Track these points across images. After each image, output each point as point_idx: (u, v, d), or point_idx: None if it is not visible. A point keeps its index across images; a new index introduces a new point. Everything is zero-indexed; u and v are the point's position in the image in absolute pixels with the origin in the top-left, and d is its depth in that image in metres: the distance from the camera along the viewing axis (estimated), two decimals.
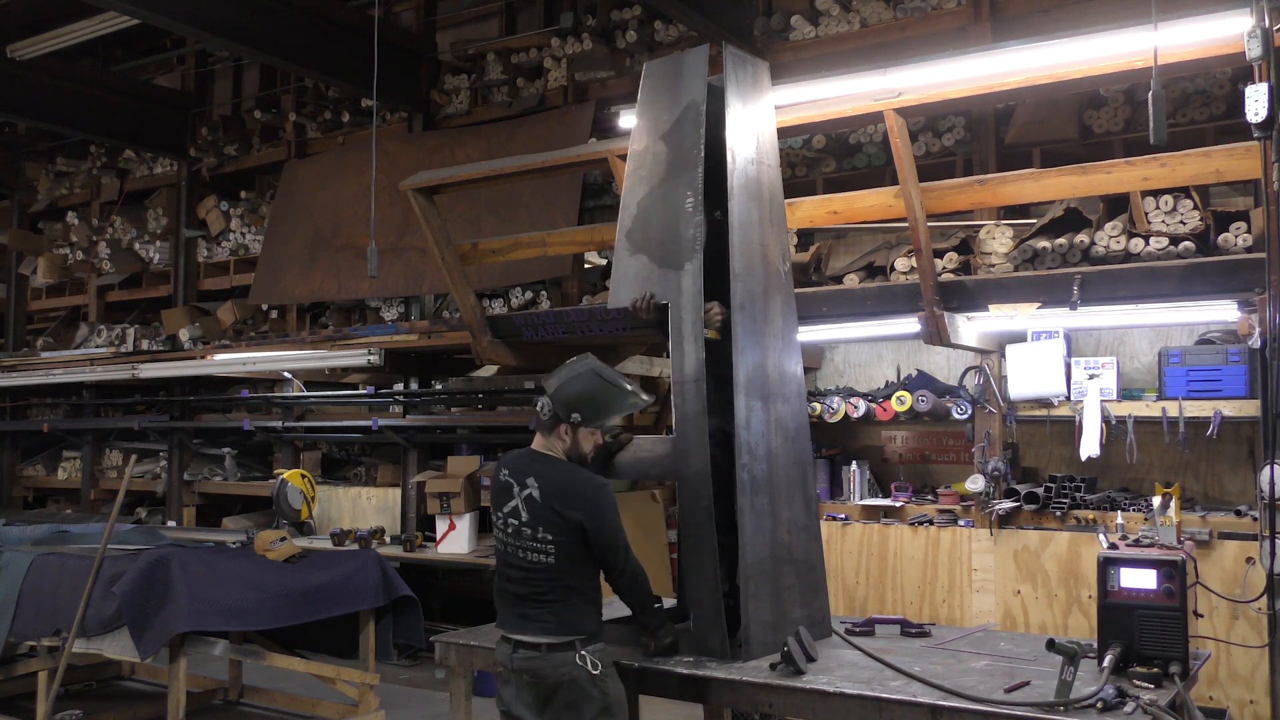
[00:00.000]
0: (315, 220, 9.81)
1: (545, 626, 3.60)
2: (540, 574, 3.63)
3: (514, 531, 3.68)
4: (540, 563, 3.63)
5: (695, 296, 3.96)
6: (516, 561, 3.68)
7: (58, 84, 10.43)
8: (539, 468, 3.72)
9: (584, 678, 3.57)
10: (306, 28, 8.85)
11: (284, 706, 6.83)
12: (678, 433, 3.93)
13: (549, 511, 3.63)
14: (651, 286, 4.09)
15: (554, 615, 3.61)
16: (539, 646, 3.59)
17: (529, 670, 3.62)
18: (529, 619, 3.63)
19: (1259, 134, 3.99)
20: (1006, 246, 5.78)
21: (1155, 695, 3.25)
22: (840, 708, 3.46)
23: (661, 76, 4.33)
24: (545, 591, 3.63)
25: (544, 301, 8.42)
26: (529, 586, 3.65)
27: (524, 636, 3.62)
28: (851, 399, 6.82)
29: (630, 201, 4.26)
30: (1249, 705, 5.44)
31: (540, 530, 3.63)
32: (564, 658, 3.58)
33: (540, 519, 3.63)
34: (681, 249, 4.03)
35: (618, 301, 4.21)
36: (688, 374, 3.92)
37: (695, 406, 3.89)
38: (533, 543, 3.64)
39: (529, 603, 3.64)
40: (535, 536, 3.63)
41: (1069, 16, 6.60)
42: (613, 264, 4.27)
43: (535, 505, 3.65)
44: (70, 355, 10.71)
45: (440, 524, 7.90)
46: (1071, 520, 6.07)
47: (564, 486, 3.66)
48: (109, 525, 5.84)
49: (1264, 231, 4.49)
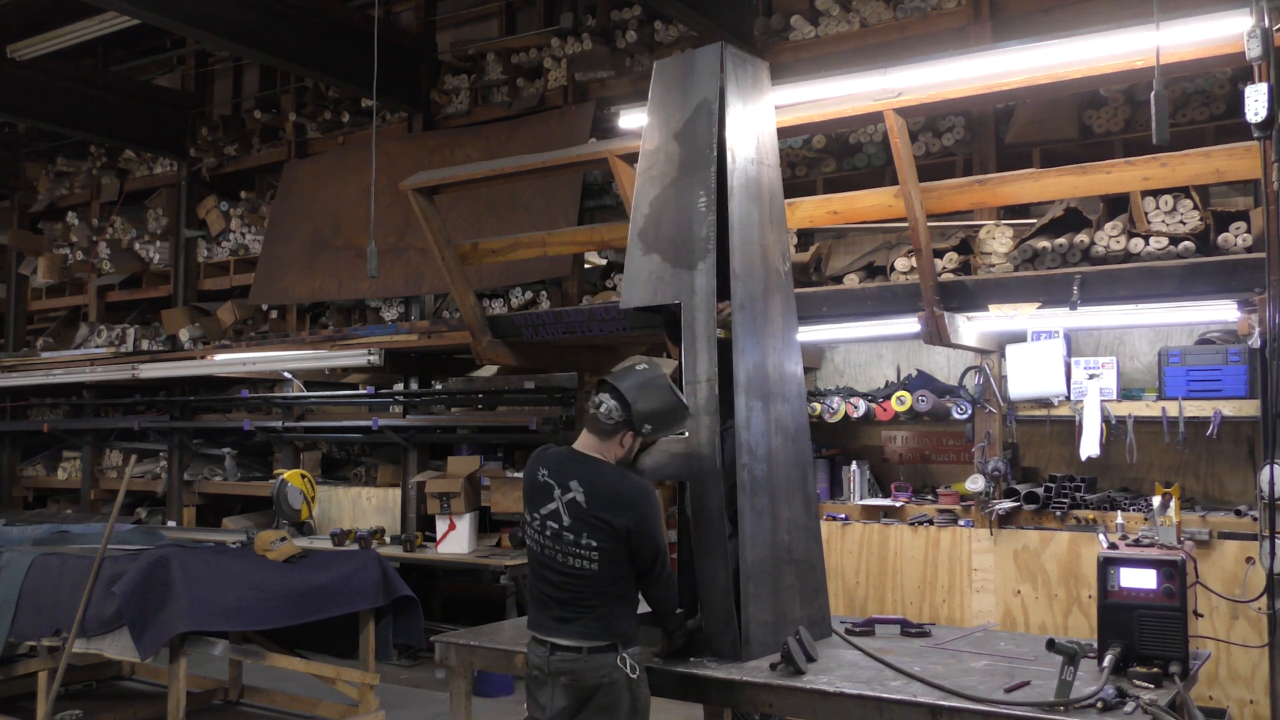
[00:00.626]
0: (315, 220, 9.81)
1: (587, 631, 3.52)
2: (582, 580, 3.53)
3: (553, 535, 3.57)
4: (583, 569, 3.52)
5: (709, 296, 3.95)
6: (555, 566, 3.57)
7: (58, 84, 10.43)
8: (585, 471, 3.59)
9: (623, 680, 3.53)
10: (306, 28, 8.85)
11: (284, 706, 6.83)
12: (691, 433, 3.93)
13: (595, 519, 3.51)
14: (665, 285, 4.08)
15: (596, 620, 3.53)
16: (579, 649, 3.52)
17: (568, 672, 3.53)
18: (568, 623, 3.54)
19: (1259, 134, 3.98)
20: (1006, 246, 5.78)
21: (1155, 695, 3.25)
22: (840, 708, 3.46)
23: (673, 75, 4.32)
24: (587, 596, 3.53)
25: (544, 301, 8.42)
26: (569, 591, 3.55)
27: (563, 640, 3.54)
28: (851, 399, 6.82)
29: (642, 201, 4.25)
30: (1249, 705, 5.44)
31: (584, 536, 3.51)
32: (605, 660, 3.52)
33: (585, 525, 3.52)
34: (694, 248, 4.03)
35: (630, 302, 4.21)
36: (700, 374, 3.92)
37: (708, 406, 3.89)
38: (575, 548, 3.53)
39: (569, 607, 3.55)
40: (578, 542, 3.52)
41: (1069, 16, 6.60)
42: (625, 264, 4.26)
43: (580, 510, 3.53)
44: (70, 355, 10.72)
45: (440, 524, 7.90)
46: (1071, 520, 6.07)
47: (614, 494, 3.55)
48: (109, 525, 5.84)
49: (1264, 231, 4.49)
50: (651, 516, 3.57)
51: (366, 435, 8.94)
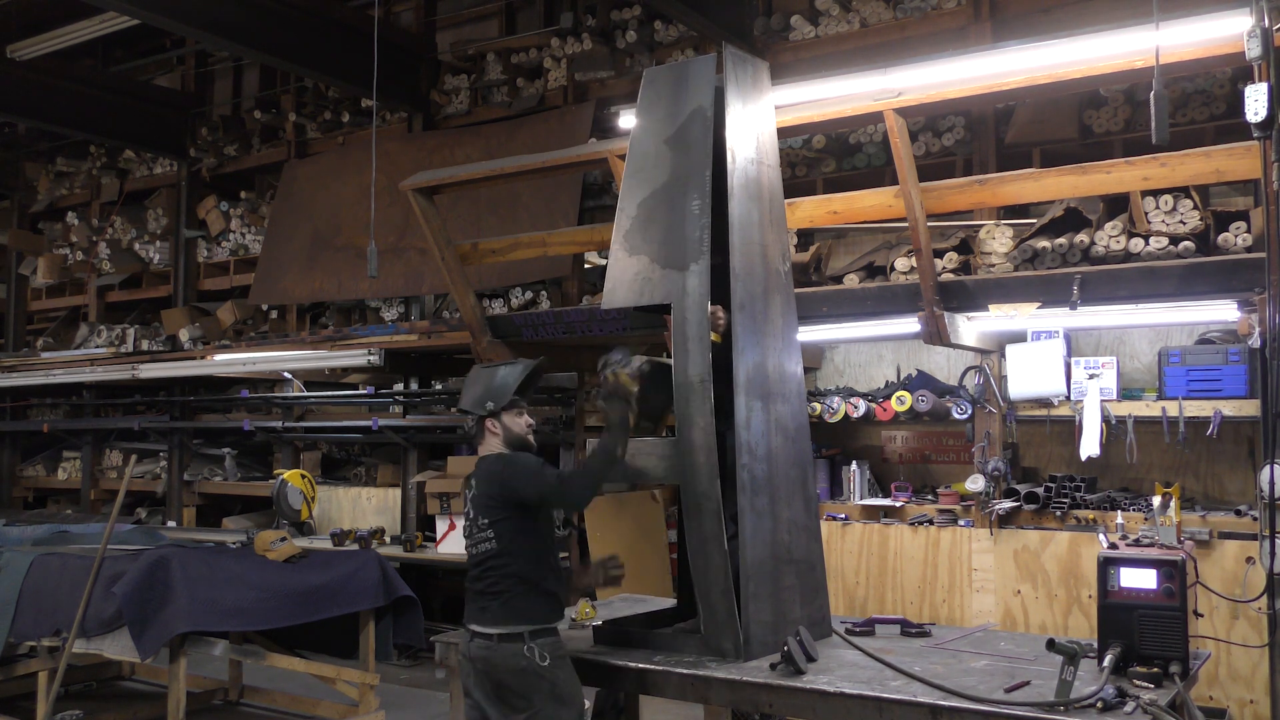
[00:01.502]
0: (315, 220, 9.81)
1: (496, 617, 3.74)
2: (488, 563, 3.78)
3: (467, 530, 3.90)
4: (485, 550, 3.79)
5: (701, 298, 3.95)
6: (472, 556, 3.86)
7: (58, 84, 10.43)
8: (478, 468, 3.93)
9: (532, 668, 3.69)
10: (306, 28, 8.85)
11: (284, 706, 6.83)
12: (680, 435, 3.92)
13: (484, 499, 3.82)
14: (652, 286, 4.07)
15: (504, 606, 3.74)
16: (491, 637, 3.73)
17: (481, 659, 3.76)
18: (484, 611, 3.77)
19: (1259, 134, 3.98)
20: (1006, 246, 5.78)
21: (1155, 695, 3.25)
22: (840, 708, 3.46)
23: (664, 83, 4.33)
24: (495, 581, 3.76)
25: (544, 301, 8.42)
26: (482, 581, 3.80)
27: (478, 627, 3.77)
28: (851, 399, 6.82)
29: (628, 203, 4.25)
30: (1249, 705, 5.44)
31: (481, 518, 3.82)
32: (513, 648, 3.70)
33: (479, 507, 3.83)
34: (686, 250, 4.01)
35: (613, 302, 4.21)
36: (692, 376, 3.89)
37: (701, 409, 3.88)
38: (477, 531, 3.82)
39: (484, 595, 3.79)
40: (478, 523, 3.83)
41: (1069, 16, 6.60)
42: (609, 265, 4.26)
43: (476, 499, 3.86)
44: (70, 355, 10.72)
45: (440, 524, 7.90)
46: (1071, 520, 6.07)
47: (489, 470, 3.86)
48: (109, 525, 5.84)
49: (1264, 231, 4.49)
50: (519, 465, 3.82)
51: (366, 435, 8.94)
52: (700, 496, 3.89)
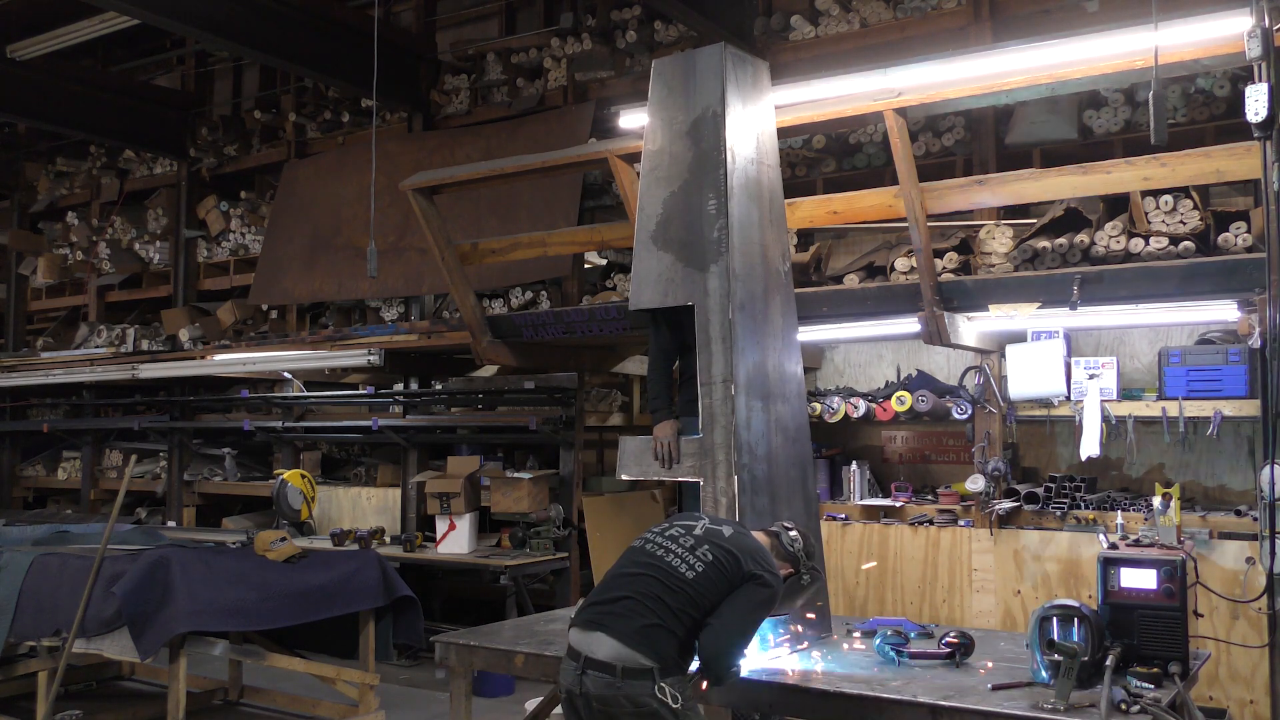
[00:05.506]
0: (315, 220, 9.81)
1: (633, 639, 3.20)
2: (667, 580, 3.29)
3: (671, 536, 3.43)
4: (676, 569, 3.31)
5: (722, 298, 3.98)
6: (652, 558, 3.37)
7: (58, 84, 10.42)
8: (738, 530, 3.53)
9: (665, 711, 3.16)
10: (306, 28, 8.84)
11: (284, 706, 6.83)
12: (704, 432, 3.98)
13: (725, 549, 3.37)
14: (676, 287, 4.12)
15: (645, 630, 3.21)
16: (613, 669, 3.17)
17: (599, 698, 3.21)
18: (620, 618, 3.24)
19: (1259, 134, 3.99)
20: (1006, 246, 5.78)
21: (1155, 695, 3.25)
22: (840, 707, 3.46)
23: (674, 75, 4.32)
24: (656, 596, 3.26)
25: (544, 301, 8.42)
26: (645, 585, 3.29)
27: (603, 637, 3.23)
28: (851, 399, 6.82)
29: (650, 201, 4.25)
30: (1249, 705, 5.44)
31: (704, 550, 3.35)
32: (641, 686, 3.16)
33: (712, 545, 3.37)
34: (706, 250, 4.06)
35: (639, 302, 4.23)
36: (715, 375, 3.97)
37: (723, 407, 3.93)
38: (688, 554, 3.35)
39: (633, 601, 3.27)
40: (695, 550, 3.35)
41: (1069, 16, 6.60)
42: (633, 264, 4.27)
43: (717, 538, 3.40)
44: (70, 355, 10.71)
45: (440, 524, 7.90)
46: (1071, 520, 6.07)
47: (756, 551, 3.45)
48: (109, 525, 5.83)
49: (1264, 231, 4.49)
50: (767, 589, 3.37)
51: (366, 435, 8.94)
52: (718, 493, 3.94)
